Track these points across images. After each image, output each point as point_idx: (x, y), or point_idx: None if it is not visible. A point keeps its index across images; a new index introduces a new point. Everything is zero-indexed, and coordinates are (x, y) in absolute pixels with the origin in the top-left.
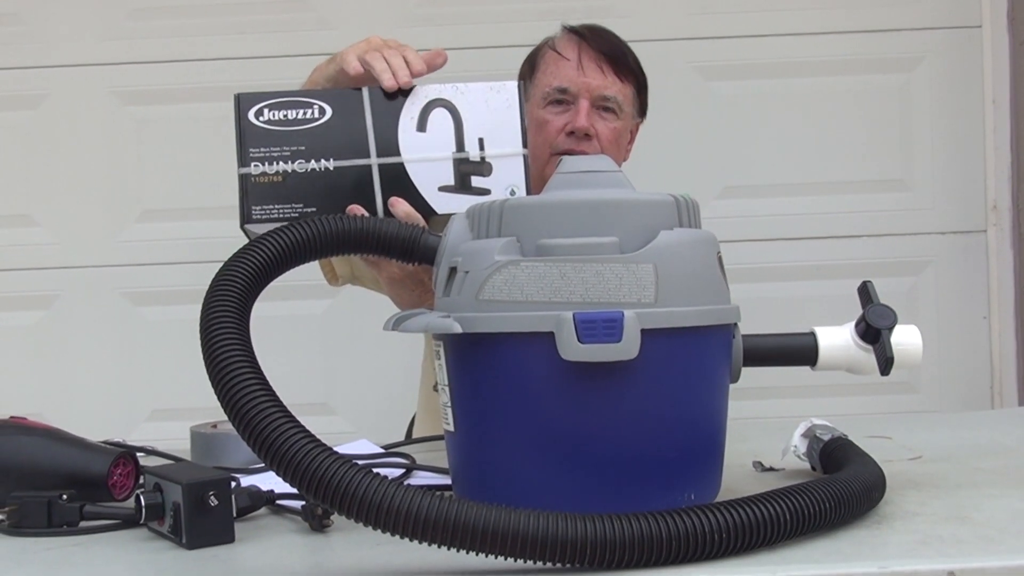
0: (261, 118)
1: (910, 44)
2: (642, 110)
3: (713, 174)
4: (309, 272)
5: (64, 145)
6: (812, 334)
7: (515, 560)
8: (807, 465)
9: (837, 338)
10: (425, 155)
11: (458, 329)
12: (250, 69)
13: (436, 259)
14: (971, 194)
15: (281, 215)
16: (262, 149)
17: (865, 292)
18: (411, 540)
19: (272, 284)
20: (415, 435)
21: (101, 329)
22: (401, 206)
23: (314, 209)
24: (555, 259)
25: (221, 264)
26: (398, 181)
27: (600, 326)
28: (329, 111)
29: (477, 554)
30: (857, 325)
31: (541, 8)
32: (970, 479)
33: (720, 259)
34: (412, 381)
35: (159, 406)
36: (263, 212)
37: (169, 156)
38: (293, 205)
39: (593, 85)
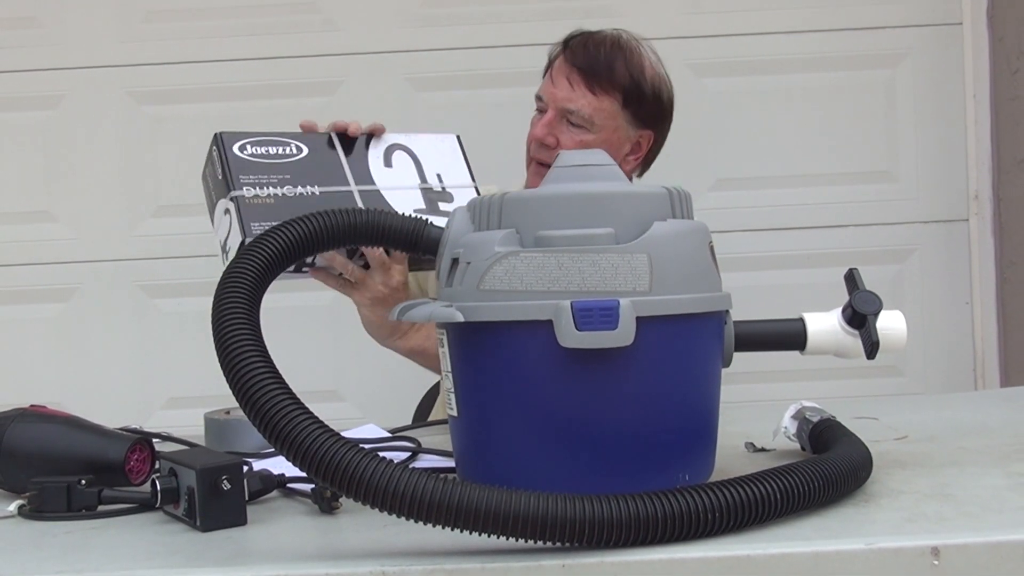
0: (245, 152)
1: (894, 41)
2: (645, 122)
3: (705, 167)
4: None
5: (82, 144)
6: (801, 320)
7: (516, 540)
8: (797, 446)
9: (825, 324)
10: (395, 184)
11: (460, 318)
12: (260, 69)
13: (439, 251)
14: (953, 185)
15: None
16: (251, 176)
17: (852, 279)
18: (416, 521)
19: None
20: (434, 419)
21: (118, 321)
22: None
23: None
24: (553, 250)
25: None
26: (378, 204)
27: (597, 314)
28: (306, 149)
29: (480, 534)
30: (844, 311)
31: (542, 8)
32: (954, 458)
33: (712, 249)
34: (416, 367)
35: (174, 394)
36: (261, 228)
37: (183, 154)
38: None
39: (558, 97)
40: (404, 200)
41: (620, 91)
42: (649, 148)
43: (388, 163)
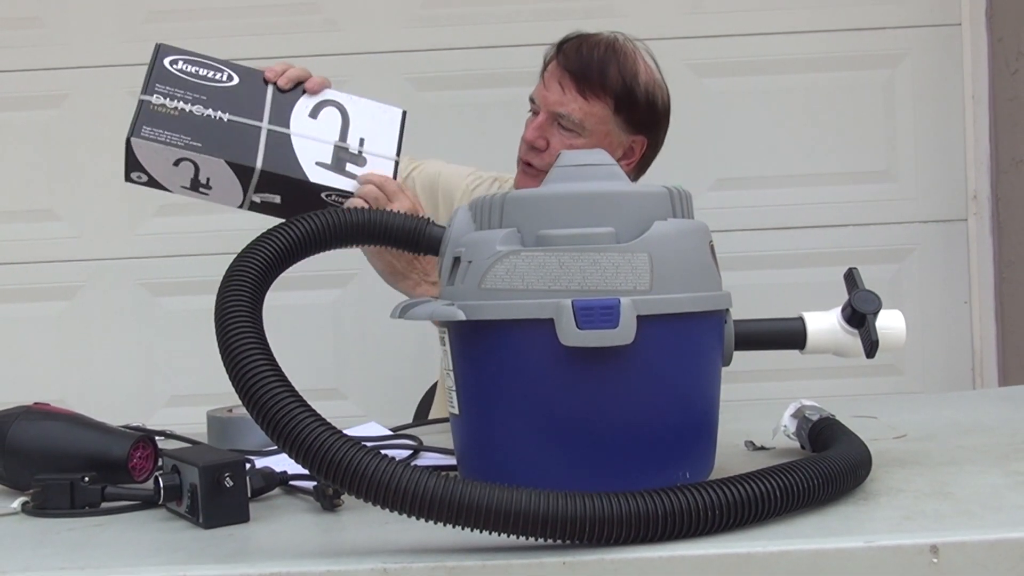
0: (175, 66)
1: (893, 42)
2: (637, 128)
3: (706, 166)
4: (320, 263)
5: (84, 143)
6: (800, 319)
7: (517, 537)
8: (796, 444)
9: (824, 323)
10: (311, 135)
11: (461, 316)
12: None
13: (440, 249)
14: (952, 185)
15: (168, 140)
16: (168, 87)
17: (851, 278)
18: (418, 519)
19: (284, 275)
20: (434, 416)
21: (121, 319)
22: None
23: (200, 144)
24: (554, 249)
25: (235, 255)
26: (282, 146)
27: (598, 313)
28: (236, 79)
29: (481, 531)
30: (843, 310)
31: (542, 8)
32: (952, 457)
33: (712, 248)
34: (418, 366)
35: (177, 392)
36: (152, 133)
37: None
38: (181, 136)
39: (550, 100)
40: (311, 150)
41: (612, 96)
42: (643, 154)
43: (314, 115)
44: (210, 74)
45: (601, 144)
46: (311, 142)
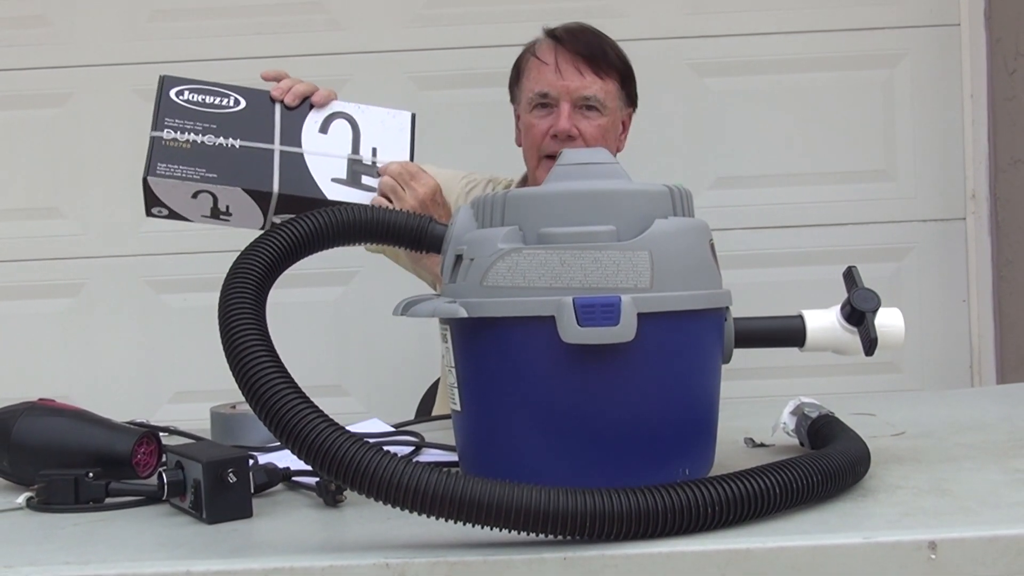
0: (181, 97)
1: (893, 42)
2: (631, 100)
3: (706, 165)
4: (323, 260)
5: (89, 141)
6: (800, 317)
7: (518, 533)
8: (796, 441)
9: (824, 320)
10: (323, 151)
11: (463, 314)
12: (264, 68)
13: (443, 247)
14: (951, 184)
15: (184, 175)
16: (176, 120)
17: (850, 277)
18: (420, 514)
19: (287, 272)
20: (436, 412)
21: (125, 316)
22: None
23: (215, 175)
24: (556, 247)
25: (239, 253)
26: (296, 167)
27: (599, 310)
28: (244, 103)
29: (482, 527)
30: (843, 308)
31: (543, 8)
32: (950, 454)
33: (712, 246)
34: (420, 363)
35: (181, 388)
36: (167, 169)
37: None
38: (196, 169)
39: (572, 87)
40: (325, 167)
41: (618, 72)
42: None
43: (324, 129)
44: (217, 101)
45: (614, 120)
46: (324, 158)
